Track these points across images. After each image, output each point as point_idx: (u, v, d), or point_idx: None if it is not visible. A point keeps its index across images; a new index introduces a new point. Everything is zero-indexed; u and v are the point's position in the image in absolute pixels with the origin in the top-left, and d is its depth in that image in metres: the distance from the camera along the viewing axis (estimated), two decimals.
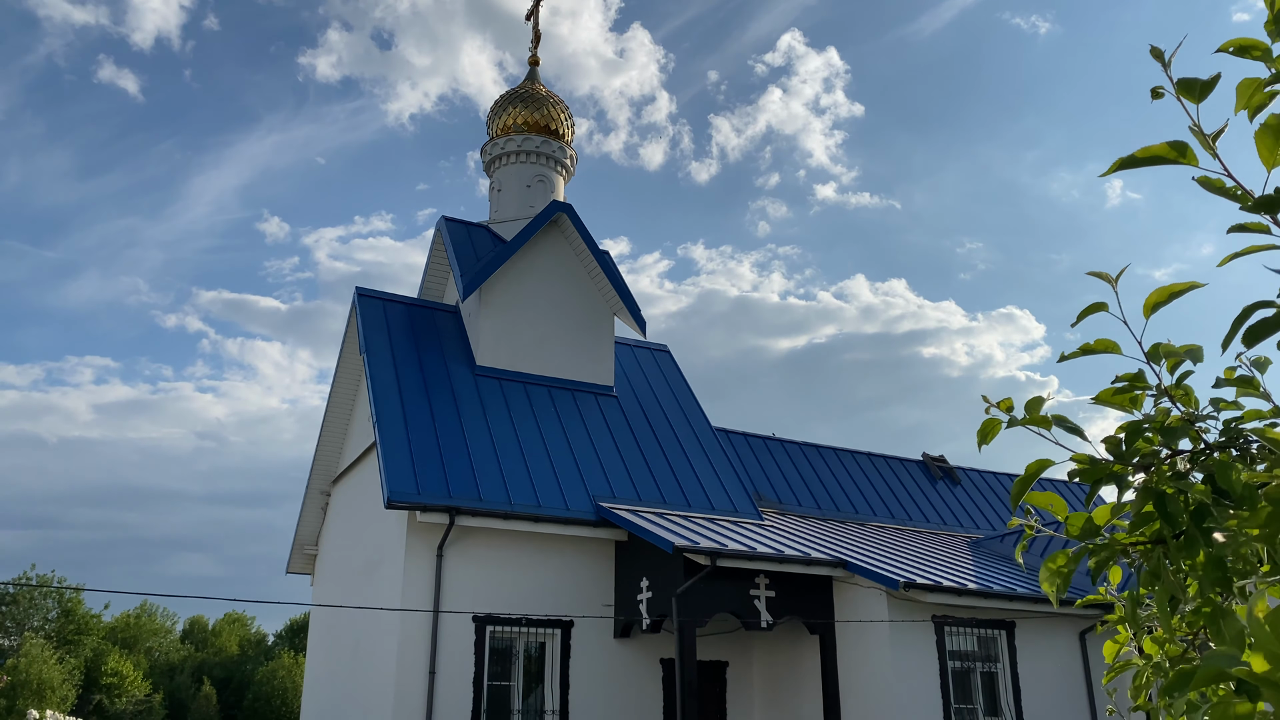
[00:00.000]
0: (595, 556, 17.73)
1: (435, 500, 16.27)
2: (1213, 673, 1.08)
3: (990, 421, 1.59)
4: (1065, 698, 16.79)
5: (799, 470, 24.06)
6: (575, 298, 21.51)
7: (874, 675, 15.49)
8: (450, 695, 15.90)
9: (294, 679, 54.57)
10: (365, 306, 20.38)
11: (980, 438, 1.60)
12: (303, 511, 22.72)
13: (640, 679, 17.43)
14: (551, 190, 23.47)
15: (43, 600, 55.00)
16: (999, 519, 25.83)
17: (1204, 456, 1.37)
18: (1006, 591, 16.45)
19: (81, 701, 49.76)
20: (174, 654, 64.23)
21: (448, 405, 18.73)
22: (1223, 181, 1.36)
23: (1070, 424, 1.52)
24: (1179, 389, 1.42)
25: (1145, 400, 1.46)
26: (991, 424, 1.59)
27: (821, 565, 16.25)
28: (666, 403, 21.98)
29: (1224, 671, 1.08)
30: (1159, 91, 1.37)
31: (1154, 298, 1.42)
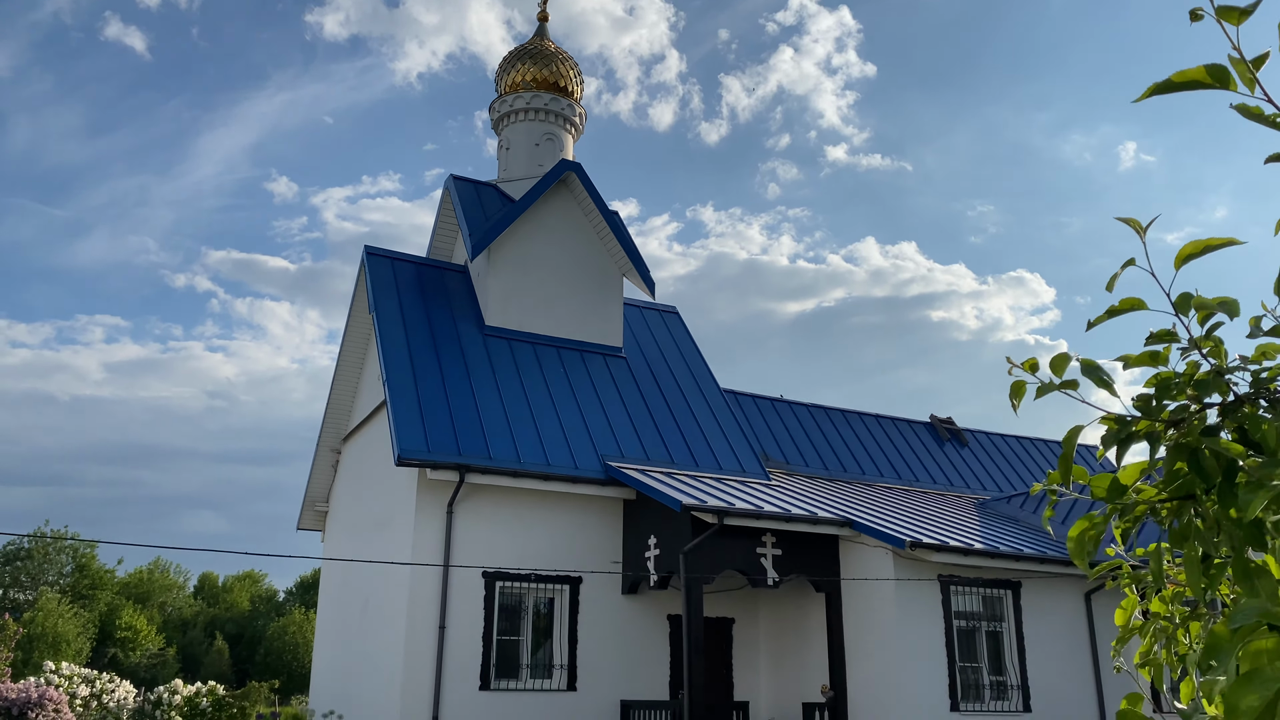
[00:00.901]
0: (603, 515, 17.86)
1: (445, 458, 16.37)
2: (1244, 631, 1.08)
3: (1017, 384, 1.57)
4: (1070, 657, 16.94)
5: (806, 431, 24.13)
6: (584, 258, 21.46)
7: (879, 633, 15.65)
8: (460, 649, 16.11)
9: (305, 635, 55.29)
10: (374, 265, 20.36)
11: (1012, 399, 1.59)
12: (313, 469, 22.89)
13: (647, 634, 17.63)
14: (560, 149, 23.32)
15: (57, 555, 55.67)
16: (1006, 480, 25.91)
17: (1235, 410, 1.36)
18: (1013, 552, 16.54)
19: (96, 654, 50.54)
20: (186, 609, 65.08)
21: (457, 364, 18.78)
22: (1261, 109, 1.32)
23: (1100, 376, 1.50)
24: (1208, 341, 1.41)
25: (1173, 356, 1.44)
26: (1019, 386, 1.57)
27: (828, 524, 16.35)
28: (675, 364, 22.00)
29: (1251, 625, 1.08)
30: (1198, 13, 1.33)
31: (1187, 250, 1.40)
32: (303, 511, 23.46)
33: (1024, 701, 16.27)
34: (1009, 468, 26.62)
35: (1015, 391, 1.57)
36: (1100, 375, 1.49)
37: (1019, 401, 1.59)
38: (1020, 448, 27.92)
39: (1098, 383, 1.50)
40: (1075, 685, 16.81)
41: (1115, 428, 1.46)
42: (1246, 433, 1.34)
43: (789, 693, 17.57)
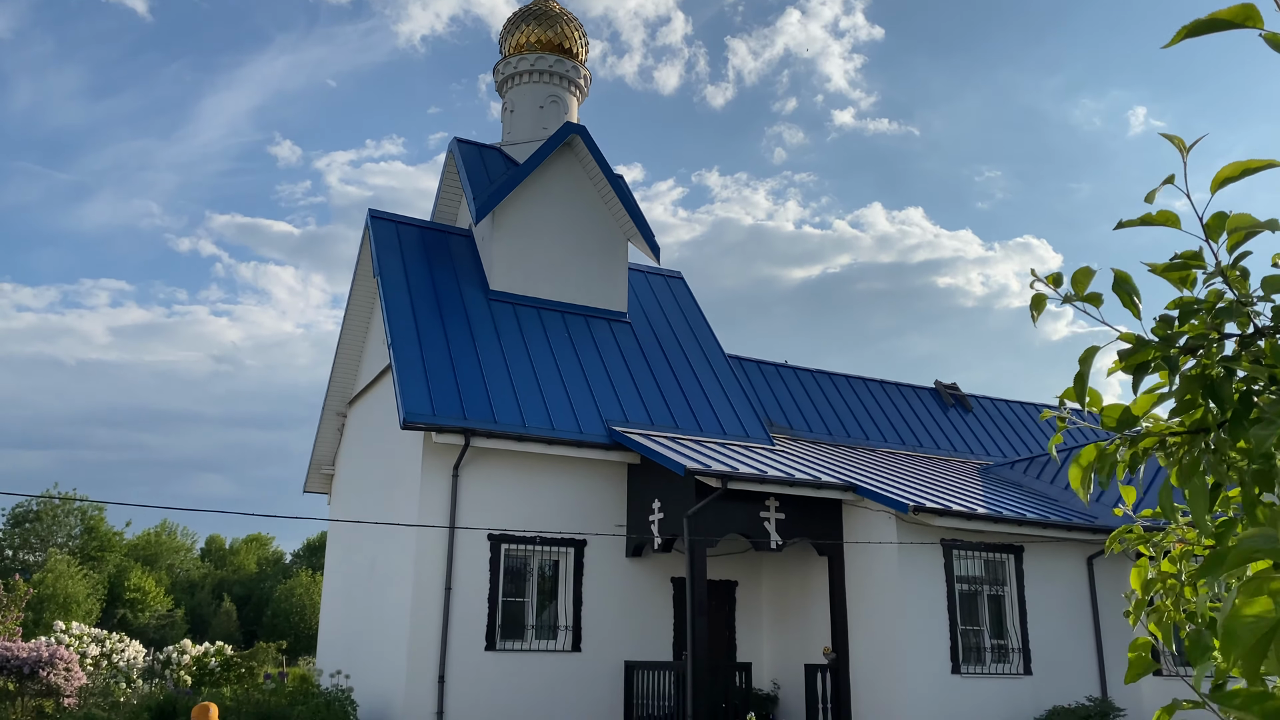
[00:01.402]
0: (608, 478, 17.94)
1: (450, 421, 16.42)
2: (1247, 553, 1.08)
3: (1038, 296, 1.55)
4: (1071, 621, 17.05)
5: (811, 397, 24.14)
6: (589, 222, 21.37)
7: (881, 597, 15.75)
8: (466, 611, 16.26)
9: (312, 597, 55.83)
10: (378, 229, 20.31)
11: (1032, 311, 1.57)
12: (319, 432, 22.98)
13: (651, 597, 17.76)
14: (565, 111, 23.15)
15: (65, 518, 56.13)
16: (1010, 446, 25.95)
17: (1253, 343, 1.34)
18: (1015, 516, 16.61)
19: (106, 615, 51.11)
20: (194, 571, 65.71)
21: (462, 328, 18.78)
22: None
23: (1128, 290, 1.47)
24: (1234, 269, 1.39)
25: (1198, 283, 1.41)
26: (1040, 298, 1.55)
27: (831, 489, 16.41)
28: (680, 329, 21.98)
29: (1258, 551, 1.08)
30: None
31: (1225, 173, 1.37)
32: (309, 474, 23.58)
33: (1025, 665, 16.41)
34: (1013, 434, 26.64)
35: (1035, 304, 1.55)
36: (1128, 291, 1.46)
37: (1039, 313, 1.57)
38: (1025, 413, 27.93)
39: (1124, 300, 1.47)
40: (1076, 649, 16.94)
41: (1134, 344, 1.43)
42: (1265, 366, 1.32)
43: (791, 654, 17.73)
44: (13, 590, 23.71)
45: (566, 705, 16.48)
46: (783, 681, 17.84)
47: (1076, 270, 1.51)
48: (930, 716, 15.09)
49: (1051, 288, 1.52)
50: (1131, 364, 1.42)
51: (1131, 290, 1.46)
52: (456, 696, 15.82)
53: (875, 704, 15.41)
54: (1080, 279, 1.49)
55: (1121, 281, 1.46)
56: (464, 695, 15.86)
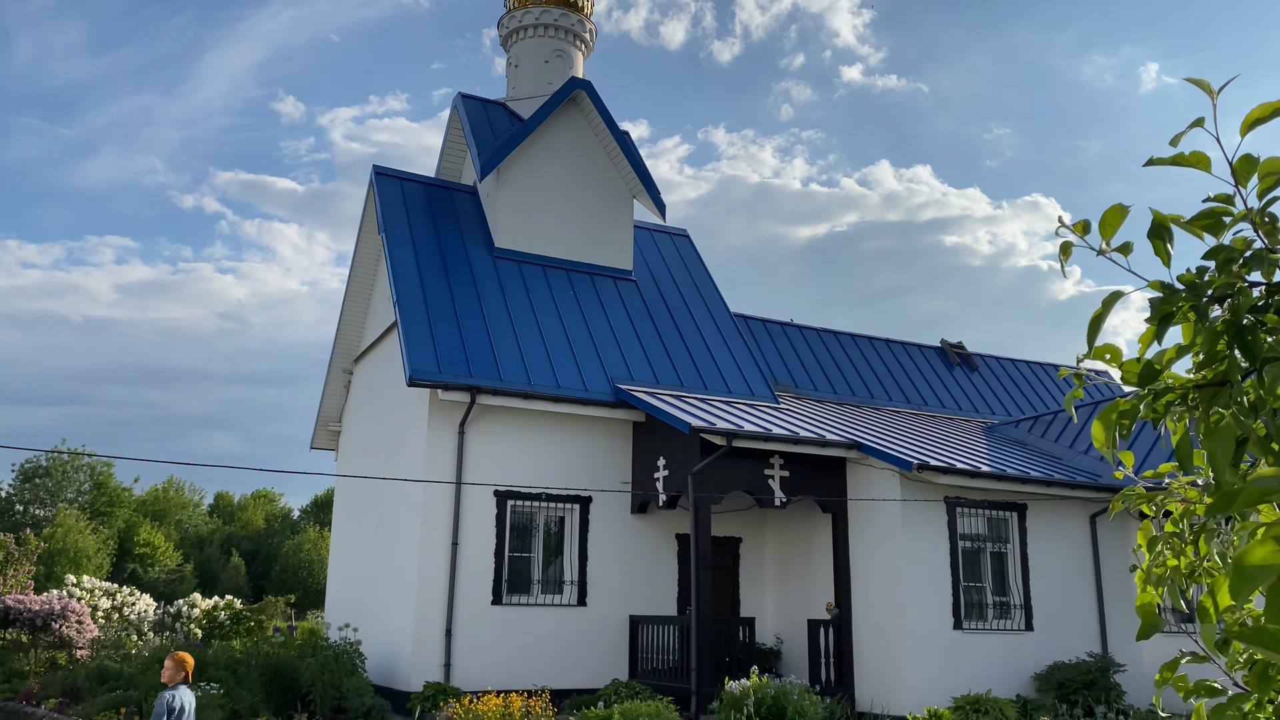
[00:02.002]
0: (613, 436, 18.00)
1: (456, 379, 16.45)
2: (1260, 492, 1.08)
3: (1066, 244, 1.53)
4: (1073, 578, 17.17)
5: (816, 356, 24.13)
6: (594, 179, 21.23)
7: (885, 553, 15.85)
8: (472, 566, 16.41)
9: (319, 552, 56.37)
10: (383, 185, 20.20)
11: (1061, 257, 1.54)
12: (325, 389, 23.05)
13: (656, 552, 17.91)
14: (570, 66, 22.90)
15: (75, 473, 56.55)
16: (1015, 405, 25.96)
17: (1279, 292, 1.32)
18: (1019, 474, 16.66)
19: (116, 570, 51.69)
20: (203, 527, 66.30)
21: (467, 286, 18.75)
22: None
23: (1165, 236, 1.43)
24: (1263, 216, 1.36)
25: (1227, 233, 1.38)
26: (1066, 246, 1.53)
27: (836, 446, 16.46)
28: (685, 287, 21.92)
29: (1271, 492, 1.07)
30: None
31: (1255, 114, 1.35)
32: (316, 431, 23.69)
33: (1026, 621, 16.55)
34: (1019, 393, 26.64)
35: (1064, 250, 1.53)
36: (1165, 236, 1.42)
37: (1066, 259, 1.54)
38: (1030, 373, 27.91)
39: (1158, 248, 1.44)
40: (1078, 606, 17.07)
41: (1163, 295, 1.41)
42: None
43: (794, 610, 17.90)
44: (24, 545, 23.94)
45: (572, 658, 16.69)
46: (786, 636, 18.03)
47: (1106, 210, 1.47)
48: (932, 671, 15.26)
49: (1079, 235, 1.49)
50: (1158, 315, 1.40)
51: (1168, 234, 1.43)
52: (463, 649, 16.02)
53: (877, 659, 15.58)
54: (1110, 220, 1.45)
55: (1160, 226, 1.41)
56: (471, 648, 16.06)
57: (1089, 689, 15.35)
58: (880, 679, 15.46)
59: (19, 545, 23.78)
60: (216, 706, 13.56)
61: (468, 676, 15.80)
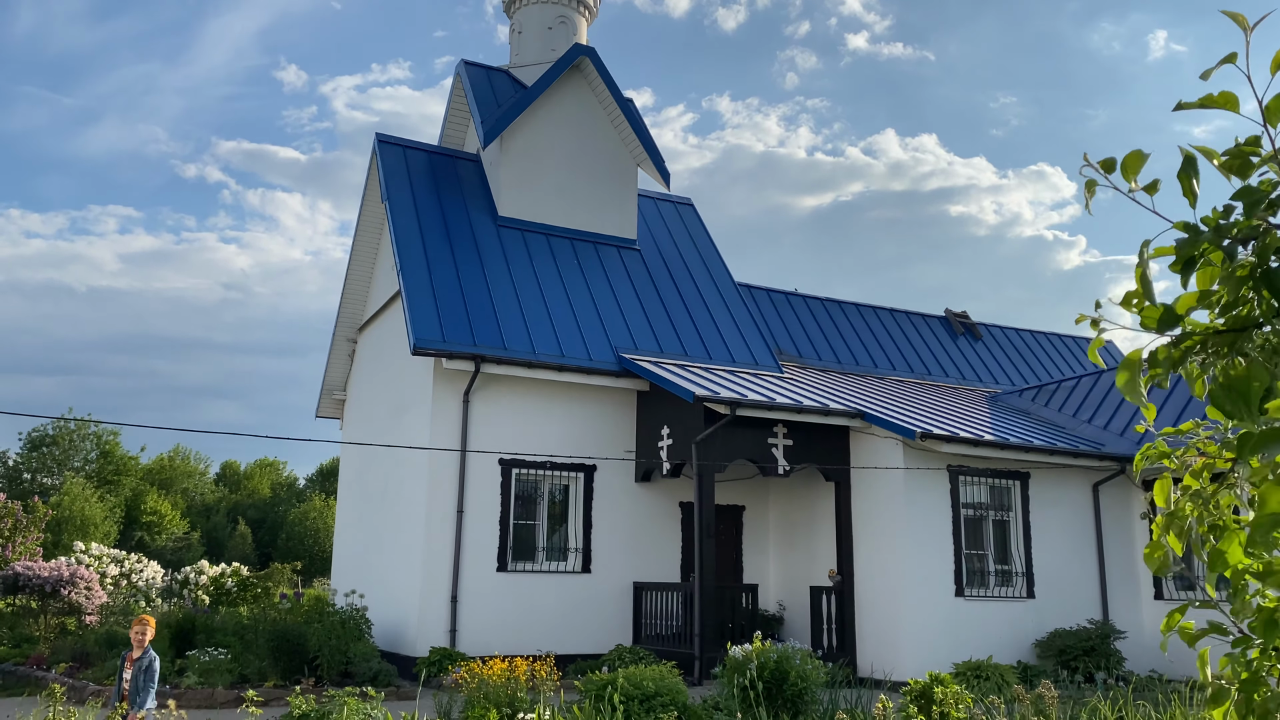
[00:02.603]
0: (617, 405, 18.05)
1: (460, 348, 16.48)
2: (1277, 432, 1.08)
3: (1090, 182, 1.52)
4: (1075, 546, 17.26)
5: (820, 325, 24.12)
6: (598, 147, 21.12)
7: (888, 521, 15.94)
8: (478, 534, 16.53)
9: (325, 520, 56.70)
10: (386, 153, 20.12)
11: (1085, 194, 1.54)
12: (330, 358, 23.09)
13: (660, 520, 18.01)
14: (574, 33, 22.71)
15: (81, 442, 56.83)
16: (1019, 374, 25.96)
17: None
18: (1022, 443, 16.70)
19: (124, 537, 52.09)
20: (209, 495, 66.71)
21: (470, 255, 18.73)
22: None
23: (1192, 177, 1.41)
24: None
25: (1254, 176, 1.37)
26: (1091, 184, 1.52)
27: (839, 415, 16.49)
28: (689, 256, 21.87)
29: None
30: None
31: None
32: (321, 399, 23.76)
33: (1028, 588, 16.66)
34: (1023, 362, 26.64)
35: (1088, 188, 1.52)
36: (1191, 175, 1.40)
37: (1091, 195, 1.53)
38: (1034, 342, 27.88)
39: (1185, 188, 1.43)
40: (1079, 573, 17.17)
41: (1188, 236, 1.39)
42: None
43: (797, 577, 18.02)
44: (32, 512, 24.11)
45: (577, 624, 16.84)
46: (788, 603, 18.17)
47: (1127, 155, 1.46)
48: (933, 638, 15.39)
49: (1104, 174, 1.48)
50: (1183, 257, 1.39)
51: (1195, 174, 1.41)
52: (469, 616, 16.17)
53: (879, 625, 15.71)
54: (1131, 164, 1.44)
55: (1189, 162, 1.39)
56: (476, 615, 16.21)
57: (1089, 655, 15.48)
58: (882, 645, 15.60)
59: (27, 513, 23.95)
60: (225, 671, 13.71)
61: (473, 642, 15.96)
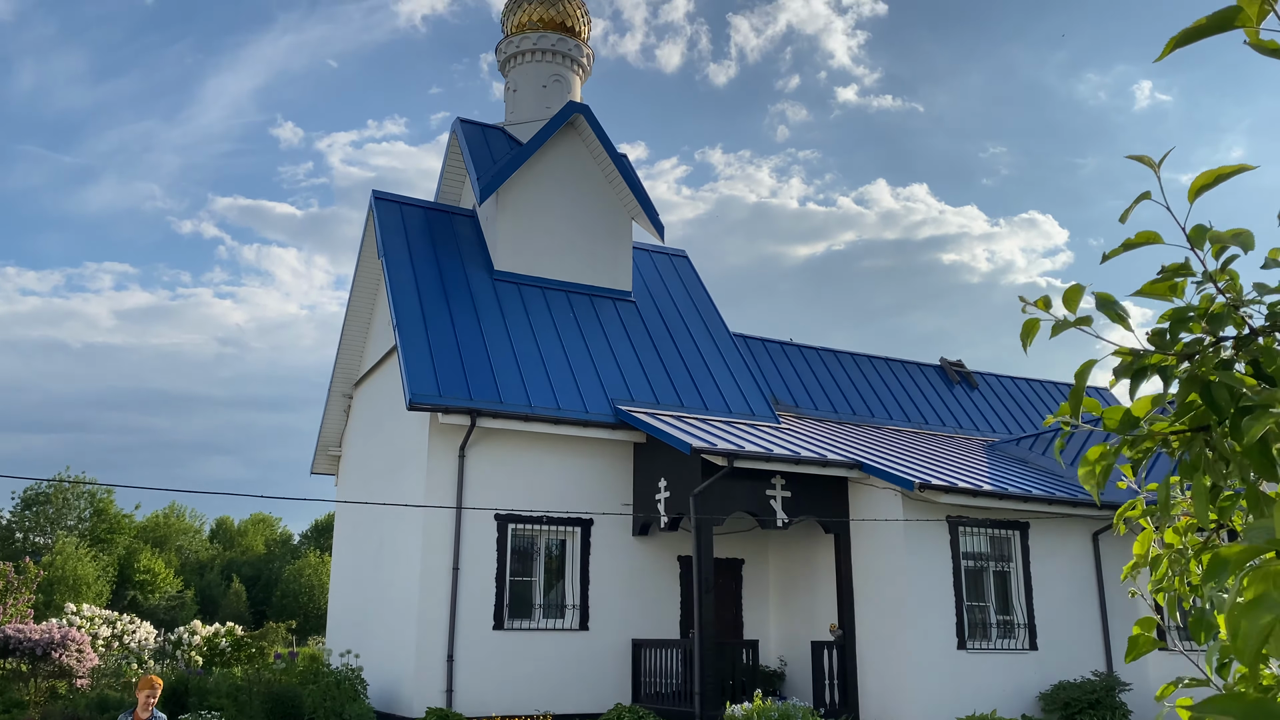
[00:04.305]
0: (614, 458, 17.99)
1: (456, 402, 16.47)
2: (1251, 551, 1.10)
3: (1030, 322, 1.57)
4: (1077, 597, 17.12)
5: (816, 375, 24.15)
6: (593, 201, 21.32)
7: (888, 574, 15.82)
8: (474, 590, 16.37)
9: (320, 577, 56.19)
10: (382, 210, 20.28)
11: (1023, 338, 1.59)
12: (325, 414, 23.06)
13: (658, 575, 17.86)
14: (568, 91, 23.04)
15: (76, 500, 56.46)
16: (1016, 423, 25.95)
17: (1249, 343, 1.36)
18: (1021, 492, 16.64)
19: (116, 597, 51.54)
20: (203, 553, 66.14)
21: (467, 309, 18.80)
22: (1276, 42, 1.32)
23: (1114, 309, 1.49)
24: (1223, 274, 1.40)
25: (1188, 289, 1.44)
26: (1031, 324, 1.57)
27: (837, 466, 16.45)
28: (684, 307, 21.97)
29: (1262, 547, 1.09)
30: None
31: (1200, 180, 1.40)
32: (316, 456, 23.68)
33: (1030, 640, 16.49)
34: (1019, 410, 26.64)
35: (1027, 330, 1.57)
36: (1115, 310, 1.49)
37: (1030, 340, 1.59)
38: (1030, 390, 27.92)
39: (1112, 317, 1.50)
40: (1082, 624, 17.01)
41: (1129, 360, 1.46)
42: (1261, 366, 1.34)
43: (798, 632, 17.83)
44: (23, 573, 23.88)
45: (575, 683, 16.62)
46: (789, 658, 17.96)
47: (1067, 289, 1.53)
48: (936, 692, 15.19)
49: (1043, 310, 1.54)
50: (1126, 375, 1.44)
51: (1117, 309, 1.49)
52: (465, 675, 15.96)
53: (881, 680, 15.52)
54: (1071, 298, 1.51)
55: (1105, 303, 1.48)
56: (473, 674, 16.00)
57: (1094, 708, 15.28)
58: (884, 700, 15.39)
59: (18, 574, 23.72)
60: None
61: (470, 702, 15.73)
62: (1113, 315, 1.48)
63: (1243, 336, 1.37)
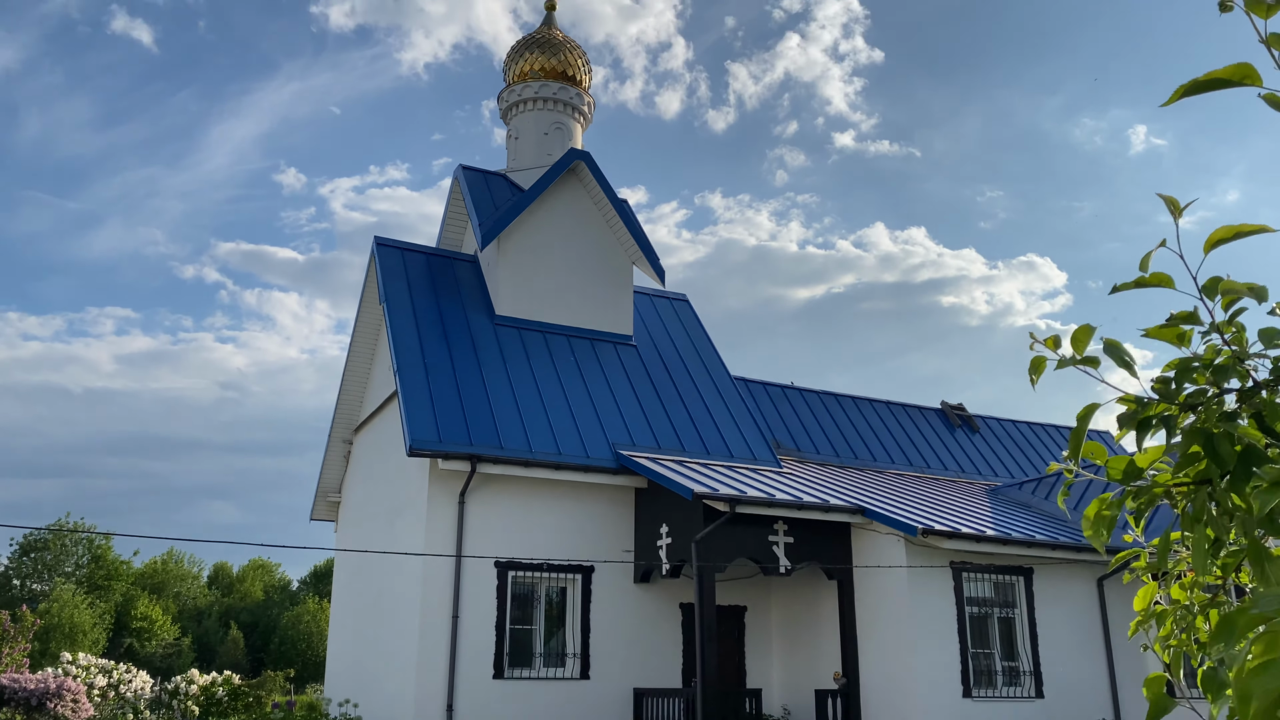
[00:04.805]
0: (615, 503, 17.89)
1: (456, 448, 16.42)
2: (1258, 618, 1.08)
3: (1038, 359, 1.57)
4: (1083, 643, 16.93)
5: (817, 418, 24.10)
6: (594, 246, 21.44)
7: (892, 620, 15.65)
8: (473, 638, 16.19)
9: (319, 624, 55.60)
10: (384, 256, 20.39)
11: (1031, 374, 1.59)
12: (325, 459, 22.98)
13: (660, 623, 17.68)
14: (569, 138, 23.28)
15: (74, 547, 56.08)
16: (1018, 466, 25.84)
17: (1253, 395, 1.36)
18: (1024, 538, 16.52)
19: (112, 644, 50.97)
20: (201, 599, 65.54)
21: (468, 354, 18.81)
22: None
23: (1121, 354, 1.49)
24: (1230, 326, 1.40)
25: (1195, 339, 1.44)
26: (1039, 361, 1.57)
27: (840, 511, 16.35)
28: (685, 351, 21.99)
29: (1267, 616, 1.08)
30: (1227, 4, 1.35)
31: (1217, 235, 1.40)
32: (316, 502, 23.56)
33: (1036, 687, 16.27)
34: (1020, 454, 26.55)
35: (1034, 366, 1.57)
36: (1121, 354, 1.48)
37: (1038, 377, 1.59)
38: (1032, 434, 27.84)
39: (1119, 362, 1.49)
40: (1088, 671, 16.80)
41: (1133, 408, 1.46)
42: (1264, 419, 1.34)
43: (802, 679, 17.61)
44: (19, 621, 23.64)
45: None
46: (793, 707, 17.70)
47: (1075, 330, 1.53)
48: None
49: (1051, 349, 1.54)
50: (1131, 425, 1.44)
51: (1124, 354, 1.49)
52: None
53: None
54: (1080, 338, 1.51)
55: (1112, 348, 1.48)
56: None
57: None
58: None
59: (14, 622, 23.48)
60: None
61: None
62: (1119, 360, 1.48)
63: (1246, 389, 1.37)
